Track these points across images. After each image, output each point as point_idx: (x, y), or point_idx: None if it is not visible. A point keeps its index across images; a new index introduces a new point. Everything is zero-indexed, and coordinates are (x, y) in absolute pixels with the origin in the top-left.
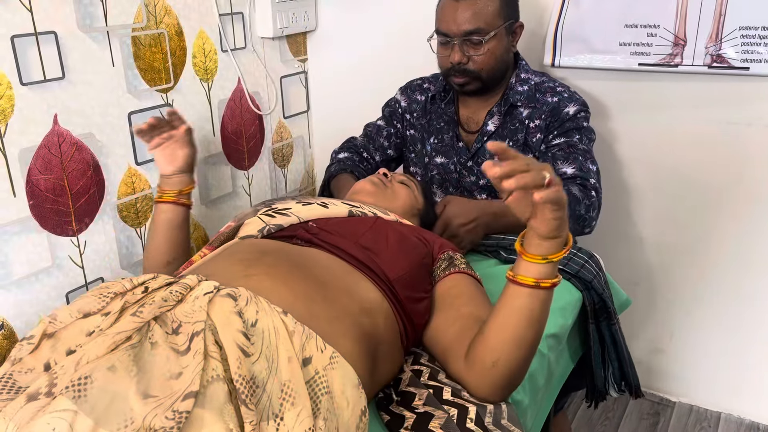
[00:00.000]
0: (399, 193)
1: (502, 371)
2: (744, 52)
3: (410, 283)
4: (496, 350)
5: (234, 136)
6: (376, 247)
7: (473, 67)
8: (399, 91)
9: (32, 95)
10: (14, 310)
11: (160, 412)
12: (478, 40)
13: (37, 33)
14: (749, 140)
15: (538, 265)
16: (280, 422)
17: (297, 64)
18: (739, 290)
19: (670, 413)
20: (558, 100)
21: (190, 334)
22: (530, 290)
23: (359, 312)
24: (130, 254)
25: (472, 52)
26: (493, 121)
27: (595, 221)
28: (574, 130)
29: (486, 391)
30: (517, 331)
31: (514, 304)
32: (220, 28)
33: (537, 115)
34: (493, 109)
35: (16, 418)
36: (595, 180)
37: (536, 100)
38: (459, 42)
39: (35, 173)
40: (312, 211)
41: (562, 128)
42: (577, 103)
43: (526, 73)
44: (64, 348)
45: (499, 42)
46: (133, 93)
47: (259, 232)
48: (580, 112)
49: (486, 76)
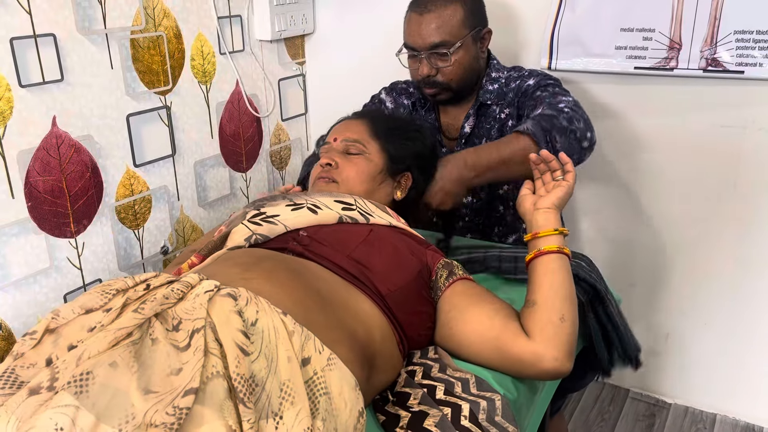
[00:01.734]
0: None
1: (570, 325)
2: (739, 56)
3: (403, 298)
4: (556, 308)
5: (232, 138)
6: (368, 262)
7: (442, 78)
8: (384, 91)
9: (31, 97)
10: (12, 311)
11: (160, 408)
12: (445, 52)
13: (36, 35)
14: (744, 143)
15: (554, 236)
16: (280, 421)
17: (295, 66)
18: (734, 292)
19: (665, 415)
20: (519, 81)
21: (191, 330)
22: (558, 255)
23: (354, 322)
24: (128, 256)
25: (440, 64)
26: (468, 123)
27: (588, 132)
28: (537, 90)
29: (560, 349)
30: (565, 288)
31: (551, 267)
32: (218, 30)
33: (506, 105)
34: (469, 112)
35: (17, 412)
36: (565, 104)
37: (504, 94)
38: (426, 55)
39: (34, 175)
40: (300, 219)
41: (526, 96)
42: (535, 76)
43: (497, 72)
44: (66, 343)
45: (466, 52)
46: (131, 95)
47: (246, 242)
48: (541, 80)
49: (456, 86)
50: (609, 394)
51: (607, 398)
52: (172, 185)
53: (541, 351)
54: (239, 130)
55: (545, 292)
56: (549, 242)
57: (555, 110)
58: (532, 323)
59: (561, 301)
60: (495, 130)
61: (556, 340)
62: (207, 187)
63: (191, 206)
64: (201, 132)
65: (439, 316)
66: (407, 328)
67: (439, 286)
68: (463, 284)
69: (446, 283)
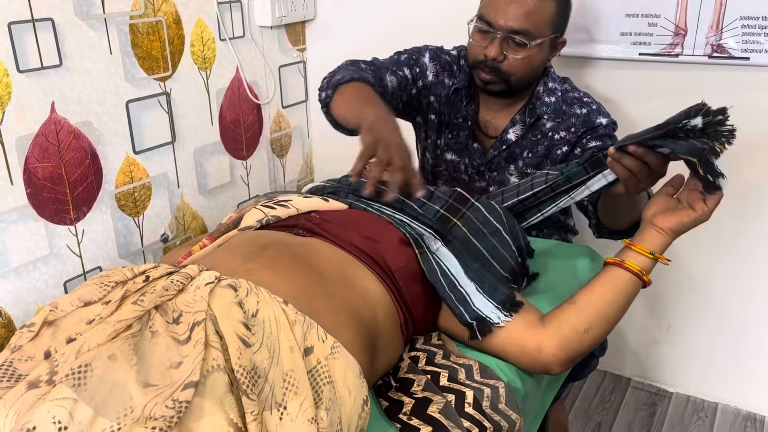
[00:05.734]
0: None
1: (588, 340)
2: (744, 42)
3: (412, 274)
4: (590, 319)
5: (232, 125)
6: (379, 237)
7: (506, 68)
8: (428, 55)
9: (29, 82)
10: (12, 298)
11: (160, 401)
12: (522, 42)
13: (34, 20)
14: (749, 131)
15: (645, 258)
16: (284, 411)
17: (296, 53)
18: (736, 281)
19: (667, 404)
20: (588, 111)
21: (191, 323)
22: (633, 277)
23: (359, 303)
24: (128, 243)
25: (511, 53)
26: (515, 130)
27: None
28: (607, 137)
29: (565, 351)
30: (613, 311)
31: (616, 285)
32: (218, 16)
33: (563, 127)
34: (515, 117)
35: (16, 406)
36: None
37: (563, 113)
38: (501, 37)
39: (33, 161)
40: (311, 203)
41: (596, 134)
42: (607, 116)
43: (553, 83)
44: (65, 336)
45: (540, 51)
46: (130, 81)
47: (258, 222)
48: (610, 125)
49: (515, 82)
50: (610, 383)
51: (609, 387)
52: (172, 172)
53: (545, 343)
54: (239, 117)
55: (592, 301)
56: (636, 261)
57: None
58: (558, 318)
59: (598, 317)
60: (543, 147)
61: (566, 344)
62: (207, 174)
63: (191, 194)
64: (201, 119)
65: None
66: (413, 306)
67: None
68: None
69: None
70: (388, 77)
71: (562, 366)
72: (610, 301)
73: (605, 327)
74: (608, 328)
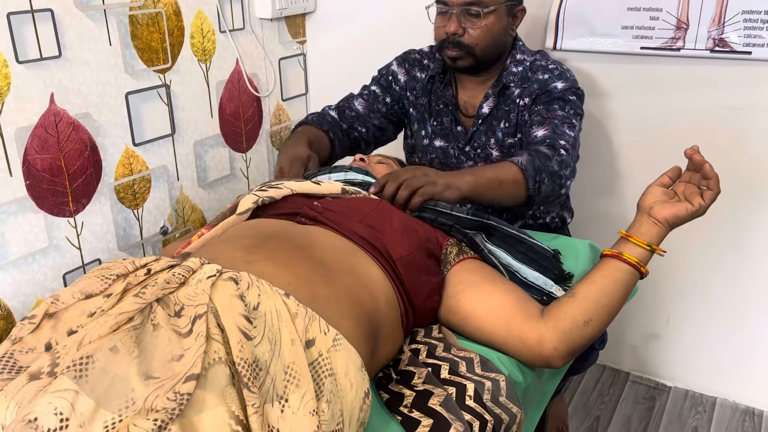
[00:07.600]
0: (379, 173)
1: (589, 332)
2: (746, 36)
3: (413, 264)
4: (589, 312)
5: (232, 118)
6: (381, 226)
7: (468, 40)
8: (396, 62)
9: (28, 73)
10: (11, 290)
11: (161, 393)
12: (477, 11)
13: (34, 10)
14: (750, 125)
15: (642, 250)
16: (285, 404)
17: (296, 46)
18: (735, 275)
19: (665, 398)
20: (548, 77)
21: (193, 316)
22: (631, 269)
23: (362, 292)
24: (128, 235)
25: (469, 24)
26: (488, 103)
27: (569, 181)
28: (558, 100)
29: (566, 344)
30: (613, 302)
31: (615, 276)
32: (218, 8)
33: (527, 94)
34: (488, 92)
35: (17, 397)
36: (566, 142)
37: (527, 80)
38: (457, 11)
39: (32, 153)
40: (304, 186)
41: (548, 97)
42: (567, 81)
43: (522, 54)
44: (66, 328)
45: (497, 19)
46: (130, 73)
47: (254, 204)
48: (569, 89)
49: (479, 53)
50: (609, 377)
51: (608, 381)
52: (172, 165)
53: (546, 337)
54: (239, 110)
55: (591, 292)
56: (634, 252)
57: (552, 150)
58: (557, 311)
59: (598, 309)
60: (513, 115)
61: (567, 336)
62: (207, 167)
63: (191, 186)
64: (201, 111)
65: (446, 289)
66: (414, 296)
67: (449, 260)
68: (473, 263)
69: (456, 258)
70: (356, 102)
71: (563, 359)
72: (609, 293)
73: (605, 319)
74: (608, 320)
